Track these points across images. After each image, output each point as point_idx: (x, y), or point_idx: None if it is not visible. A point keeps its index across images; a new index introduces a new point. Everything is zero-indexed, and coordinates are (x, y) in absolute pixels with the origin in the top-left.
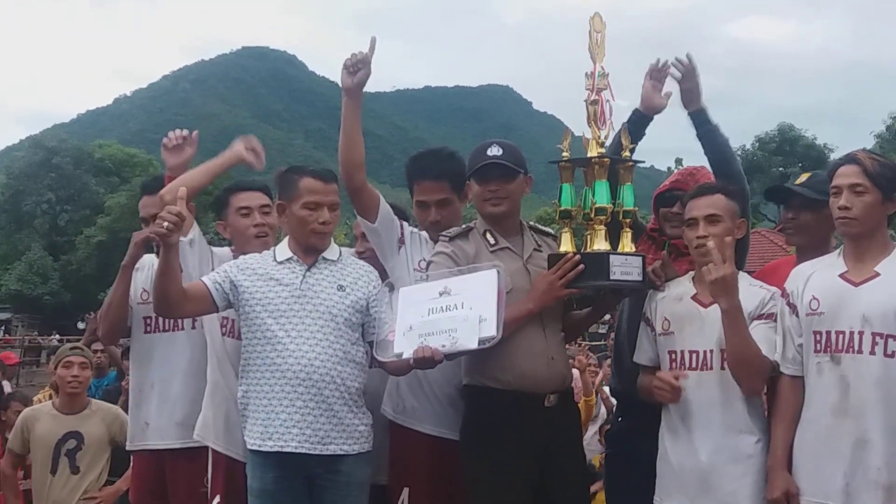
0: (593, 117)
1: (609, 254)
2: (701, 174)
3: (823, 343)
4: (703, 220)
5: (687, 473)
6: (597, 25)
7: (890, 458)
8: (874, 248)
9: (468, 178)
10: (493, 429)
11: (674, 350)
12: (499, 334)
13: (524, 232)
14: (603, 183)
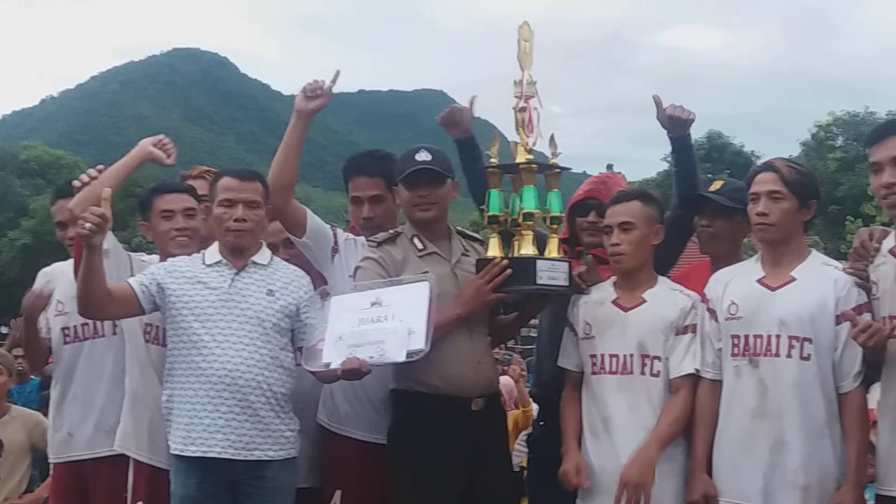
0: (521, 124)
1: (536, 259)
2: (613, 181)
3: (742, 347)
4: (616, 228)
5: (608, 476)
6: (525, 34)
7: (807, 459)
8: (790, 254)
9: (396, 183)
10: (421, 434)
11: (595, 354)
12: (427, 347)
13: (452, 237)
14: (531, 189)
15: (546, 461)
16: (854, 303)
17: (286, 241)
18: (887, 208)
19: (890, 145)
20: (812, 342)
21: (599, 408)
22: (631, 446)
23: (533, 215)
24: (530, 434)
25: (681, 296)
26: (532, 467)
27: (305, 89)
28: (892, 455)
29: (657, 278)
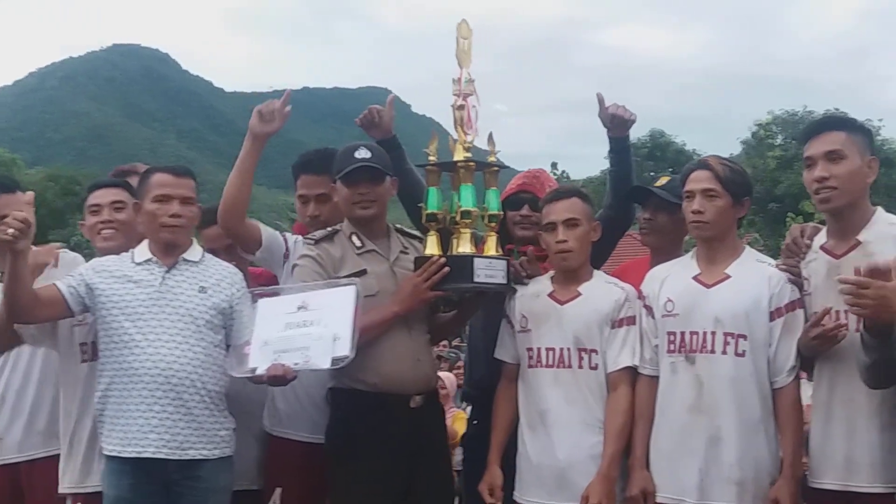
0: (460, 122)
1: (474, 257)
2: (545, 176)
3: (678, 343)
4: (562, 225)
5: (545, 470)
6: (463, 32)
7: (742, 454)
8: (725, 251)
9: (335, 181)
10: (359, 432)
11: (531, 347)
12: (352, 354)
13: (391, 234)
14: (468, 187)
15: (480, 460)
16: (787, 299)
17: (229, 247)
18: (818, 202)
19: (823, 140)
20: (747, 339)
21: (536, 401)
22: (568, 439)
23: (471, 213)
24: (464, 433)
25: (615, 289)
26: (466, 466)
27: (261, 111)
28: (824, 449)
29: (593, 272)
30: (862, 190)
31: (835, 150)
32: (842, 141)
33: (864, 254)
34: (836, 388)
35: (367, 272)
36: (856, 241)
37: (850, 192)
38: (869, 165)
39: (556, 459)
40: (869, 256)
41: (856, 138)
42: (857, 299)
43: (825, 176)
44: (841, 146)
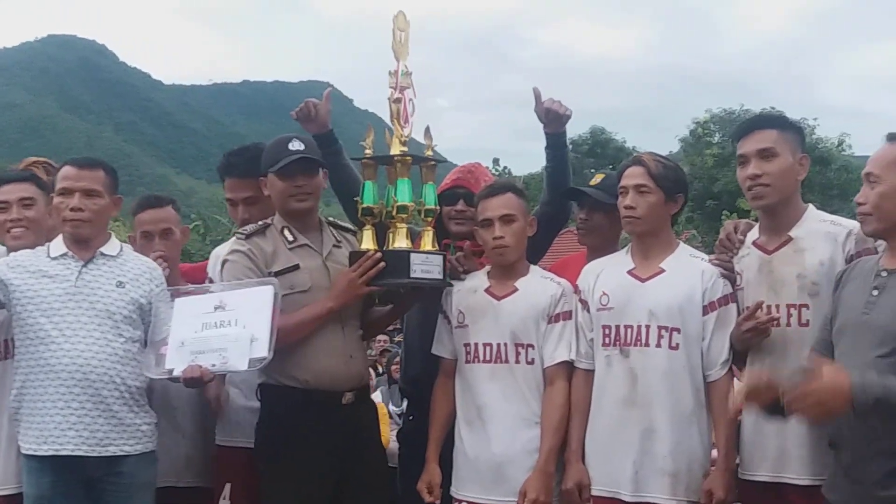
0: (396, 115)
1: (410, 252)
2: (479, 171)
3: (612, 337)
4: (498, 221)
5: (482, 465)
6: (400, 24)
7: (674, 446)
8: (659, 246)
9: (264, 174)
10: (290, 429)
11: (468, 342)
12: (270, 355)
13: (323, 228)
14: (405, 181)
15: (416, 456)
16: (720, 293)
17: (164, 231)
18: (751, 199)
19: (756, 138)
20: (680, 332)
21: (473, 396)
22: (504, 434)
23: (407, 208)
24: (400, 429)
25: (551, 284)
26: (402, 462)
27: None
28: (756, 441)
29: (530, 267)
30: (793, 187)
31: (767, 147)
32: (774, 139)
33: (794, 249)
34: None
35: (299, 267)
36: (787, 237)
37: (782, 189)
38: (800, 163)
39: (492, 454)
40: (800, 252)
41: (787, 136)
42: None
43: (758, 173)
44: (773, 144)
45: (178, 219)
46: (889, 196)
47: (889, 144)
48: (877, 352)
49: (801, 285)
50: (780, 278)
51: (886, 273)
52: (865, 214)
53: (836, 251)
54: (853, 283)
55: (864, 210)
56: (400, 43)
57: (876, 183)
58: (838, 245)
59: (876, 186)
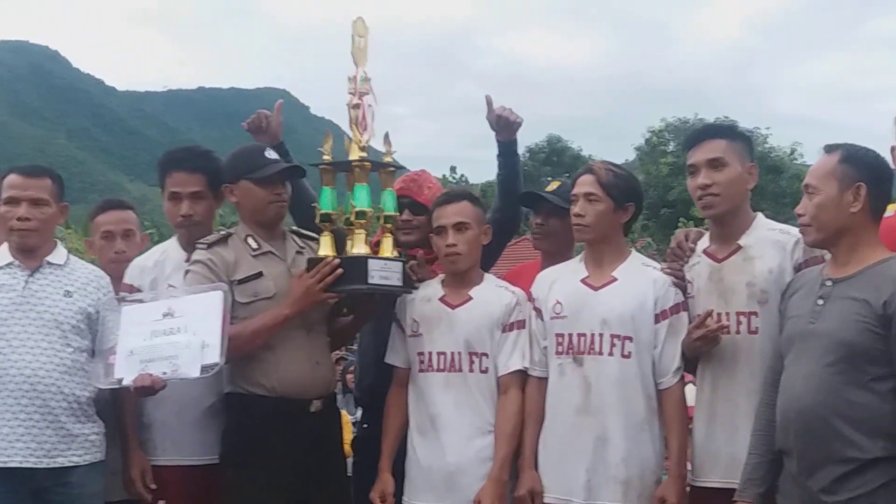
0: (355, 121)
1: (368, 258)
2: (424, 178)
3: (566, 345)
4: (451, 228)
5: (434, 473)
6: (359, 30)
7: (627, 454)
8: (612, 255)
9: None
10: (257, 437)
11: (422, 351)
12: (222, 361)
13: (286, 236)
14: (363, 187)
15: (369, 464)
16: (672, 302)
17: (126, 231)
18: (702, 209)
19: (705, 148)
20: (633, 340)
21: (427, 405)
22: (458, 443)
23: (366, 213)
24: (354, 437)
25: (506, 293)
26: (356, 470)
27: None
28: (708, 447)
29: (484, 276)
30: (743, 196)
31: (716, 157)
32: (723, 148)
33: (744, 258)
34: (718, 389)
35: (263, 274)
36: (737, 245)
37: (731, 198)
38: (749, 172)
39: (445, 462)
40: (749, 260)
41: (736, 146)
42: None
43: (708, 183)
44: (722, 153)
45: (139, 223)
46: (826, 206)
47: (826, 156)
48: (824, 361)
49: (750, 293)
50: (730, 286)
51: (831, 282)
52: (805, 225)
53: (784, 259)
54: (799, 293)
55: (804, 221)
56: (359, 49)
57: (814, 194)
58: (787, 253)
59: (814, 197)
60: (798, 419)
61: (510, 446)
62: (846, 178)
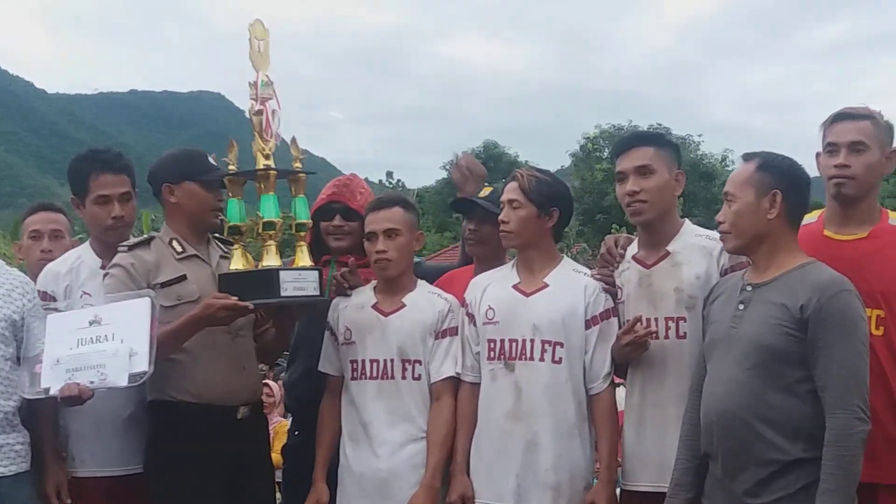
0: (258, 128)
1: (279, 270)
2: (355, 183)
3: (497, 351)
4: (381, 234)
5: (367, 481)
6: (258, 33)
7: (556, 459)
8: (542, 260)
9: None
10: (182, 445)
11: (355, 359)
12: (150, 369)
13: (210, 241)
14: (269, 196)
15: (300, 471)
16: (602, 307)
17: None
18: (631, 215)
19: (633, 156)
20: (563, 346)
21: (359, 413)
22: (390, 450)
23: (274, 224)
24: (285, 444)
25: (439, 299)
26: (286, 477)
27: None
28: (637, 451)
29: (417, 282)
30: (671, 202)
31: (644, 164)
32: (650, 156)
33: (672, 264)
34: (648, 394)
35: (186, 278)
36: (665, 251)
37: (659, 205)
38: (676, 179)
39: (378, 470)
40: (677, 266)
41: (664, 153)
42: None
43: (636, 190)
44: (650, 161)
45: (68, 226)
46: (743, 213)
47: (744, 164)
48: (744, 364)
49: (678, 299)
50: (659, 292)
51: (751, 287)
52: (725, 232)
53: (711, 265)
54: (721, 298)
55: (724, 228)
56: (258, 52)
57: (732, 201)
58: (713, 259)
59: (732, 205)
60: (720, 423)
61: (442, 453)
62: (762, 186)
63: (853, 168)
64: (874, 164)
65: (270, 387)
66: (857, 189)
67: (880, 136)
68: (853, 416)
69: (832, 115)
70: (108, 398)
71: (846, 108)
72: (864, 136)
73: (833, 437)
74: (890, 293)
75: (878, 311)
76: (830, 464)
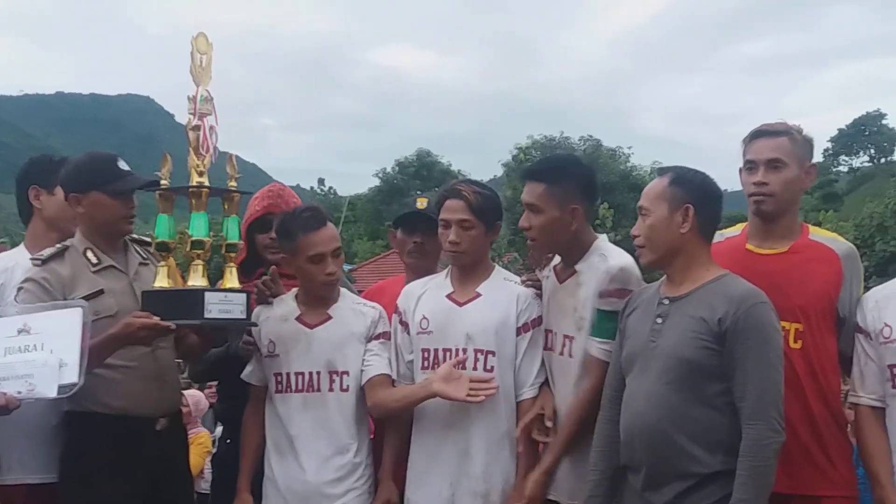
0: (195, 144)
1: (205, 291)
2: (287, 193)
3: (431, 360)
4: (330, 255)
5: (292, 494)
6: (201, 47)
7: (486, 467)
8: (477, 271)
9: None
10: (98, 457)
11: (279, 372)
12: (80, 381)
13: (128, 248)
14: (200, 215)
15: (230, 480)
16: (534, 315)
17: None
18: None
19: (527, 191)
20: (495, 355)
21: (285, 426)
22: (316, 463)
23: (203, 243)
24: (215, 453)
25: (366, 308)
26: (216, 486)
27: None
28: None
29: (341, 293)
30: (566, 235)
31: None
32: (538, 195)
33: (576, 283)
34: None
35: (103, 292)
36: (573, 269)
37: (549, 244)
38: (572, 215)
39: (303, 483)
40: (578, 286)
41: (555, 190)
42: None
43: (526, 226)
44: (536, 200)
45: None
46: (657, 228)
47: (658, 178)
48: (664, 378)
49: (573, 318)
50: (562, 308)
51: (668, 301)
52: (640, 246)
53: (600, 285)
54: (637, 312)
55: (639, 242)
56: (200, 66)
57: (646, 215)
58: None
59: (646, 219)
60: (642, 436)
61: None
62: (675, 200)
63: (771, 185)
64: (792, 180)
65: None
66: (776, 206)
67: (798, 152)
68: (768, 427)
69: (751, 132)
70: (37, 405)
71: (764, 125)
72: (782, 153)
73: (747, 447)
74: (808, 307)
75: (797, 325)
76: (743, 474)
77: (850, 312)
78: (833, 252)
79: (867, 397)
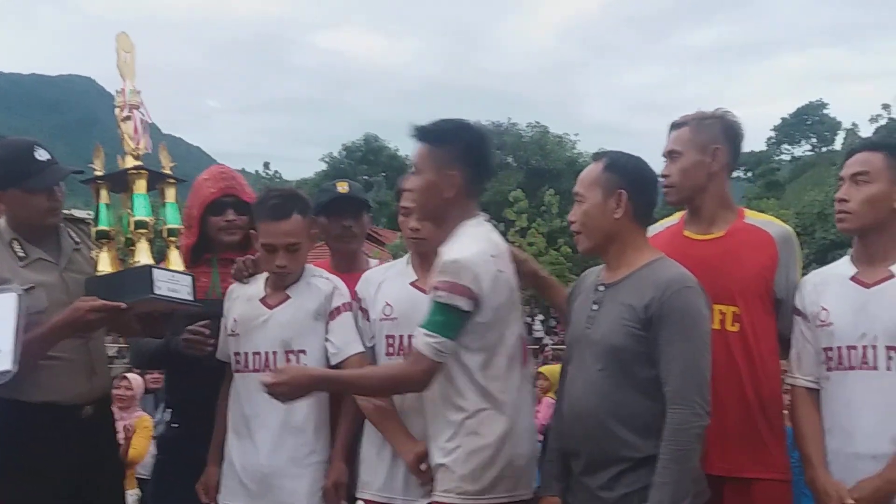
0: (127, 135)
1: (152, 267)
2: (238, 175)
3: (396, 347)
4: (283, 249)
5: (248, 475)
6: (125, 46)
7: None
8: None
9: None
10: (23, 446)
11: (238, 352)
12: (15, 368)
13: (60, 233)
14: (141, 196)
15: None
16: None
17: None
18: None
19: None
20: None
21: (241, 406)
22: (272, 444)
23: (146, 223)
24: (161, 435)
25: (321, 280)
26: (158, 468)
27: None
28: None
29: (303, 270)
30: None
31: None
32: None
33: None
34: None
35: (34, 288)
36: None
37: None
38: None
39: (259, 464)
40: None
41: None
42: None
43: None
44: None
45: None
46: (591, 213)
47: (593, 164)
48: (597, 365)
49: None
50: None
51: (604, 287)
52: (576, 233)
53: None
54: (580, 298)
55: (575, 228)
56: (125, 63)
57: (581, 201)
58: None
59: (582, 205)
60: (579, 422)
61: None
62: (609, 185)
63: (671, 177)
64: (688, 167)
65: (130, 381)
66: (679, 195)
67: (698, 139)
68: (690, 411)
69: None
70: None
71: (677, 119)
72: (678, 144)
73: (670, 431)
74: (745, 290)
75: (734, 308)
76: (665, 457)
77: (788, 295)
78: (768, 234)
79: (803, 379)
